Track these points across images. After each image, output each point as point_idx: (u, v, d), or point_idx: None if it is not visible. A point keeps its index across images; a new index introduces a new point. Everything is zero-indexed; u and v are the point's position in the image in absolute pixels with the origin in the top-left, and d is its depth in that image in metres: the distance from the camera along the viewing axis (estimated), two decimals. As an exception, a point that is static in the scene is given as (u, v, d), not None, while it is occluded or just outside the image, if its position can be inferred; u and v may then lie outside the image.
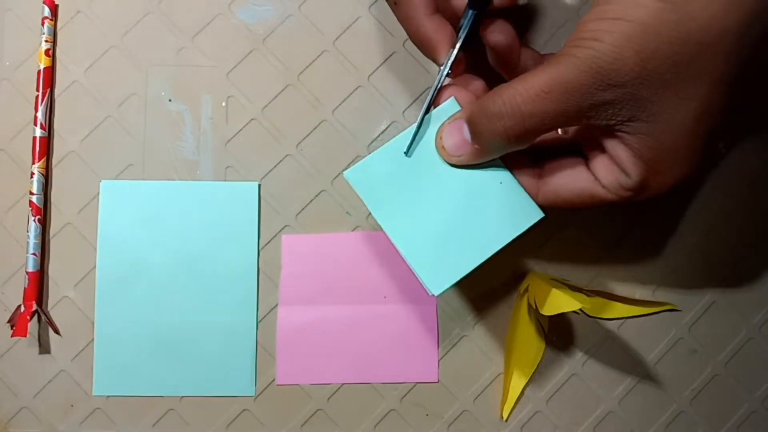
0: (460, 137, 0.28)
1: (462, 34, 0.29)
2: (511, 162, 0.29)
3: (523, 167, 0.29)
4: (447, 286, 0.28)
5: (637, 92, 0.24)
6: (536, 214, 0.29)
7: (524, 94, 0.26)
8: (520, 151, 0.28)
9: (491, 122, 0.26)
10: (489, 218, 0.29)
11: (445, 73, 0.29)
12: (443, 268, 0.28)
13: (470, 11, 0.29)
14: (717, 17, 0.23)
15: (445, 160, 0.29)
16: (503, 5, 0.30)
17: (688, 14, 0.23)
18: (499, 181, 0.29)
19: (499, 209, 0.29)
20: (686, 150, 0.26)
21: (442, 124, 0.29)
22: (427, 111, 0.29)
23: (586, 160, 0.29)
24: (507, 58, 0.30)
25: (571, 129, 0.31)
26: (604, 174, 0.28)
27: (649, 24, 0.24)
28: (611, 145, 0.27)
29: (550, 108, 0.25)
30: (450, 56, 0.29)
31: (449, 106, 0.29)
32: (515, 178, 0.29)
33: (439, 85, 0.29)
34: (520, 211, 0.29)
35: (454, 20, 0.30)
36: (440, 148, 0.29)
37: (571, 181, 0.29)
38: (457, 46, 0.29)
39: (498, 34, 0.30)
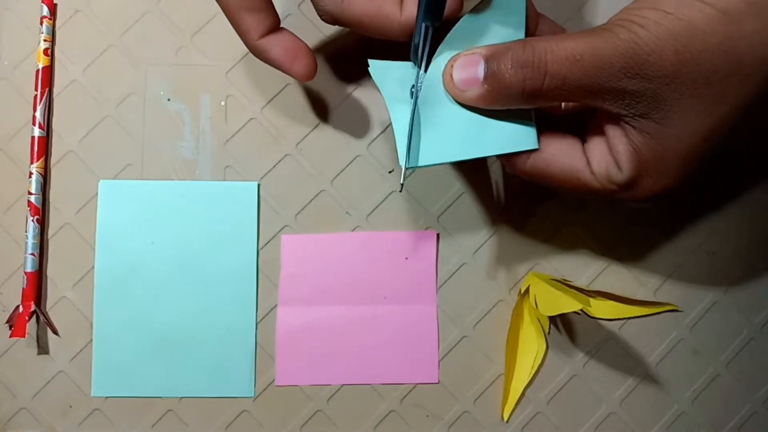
0: (473, 72, 0.27)
1: (423, 52, 0.28)
2: None
3: None
4: (417, 164, 0.28)
5: (661, 91, 0.24)
6: (531, 143, 0.29)
7: (556, 52, 0.25)
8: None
9: (513, 68, 0.26)
10: (486, 126, 0.28)
11: (417, 89, 0.28)
12: (422, 149, 0.28)
13: (423, 25, 0.27)
14: (764, 43, 0.23)
15: (448, 91, 0.28)
16: (451, 15, 0.28)
17: (739, 31, 0.23)
18: None
19: (499, 122, 0.28)
20: (682, 163, 0.26)
21: (456, 54, 0.28)
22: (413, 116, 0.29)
23: (584, 143, 0.29)
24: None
25: (570, 105, 0.30)
26: (597, 160, 0.28)
27: (699, 28, 0.23)
28: (613, 134, 0.27)
29: (574, 76, 0.25)
30: (419, 78, 0.28)
31: None
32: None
33: (415, 107, 0.28)
34: (518, 133, 0.29)
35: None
36: (447, 77, 0.28)
37: (564, 156, 0.28)
38: (423, 65, 0.28)
39: None
